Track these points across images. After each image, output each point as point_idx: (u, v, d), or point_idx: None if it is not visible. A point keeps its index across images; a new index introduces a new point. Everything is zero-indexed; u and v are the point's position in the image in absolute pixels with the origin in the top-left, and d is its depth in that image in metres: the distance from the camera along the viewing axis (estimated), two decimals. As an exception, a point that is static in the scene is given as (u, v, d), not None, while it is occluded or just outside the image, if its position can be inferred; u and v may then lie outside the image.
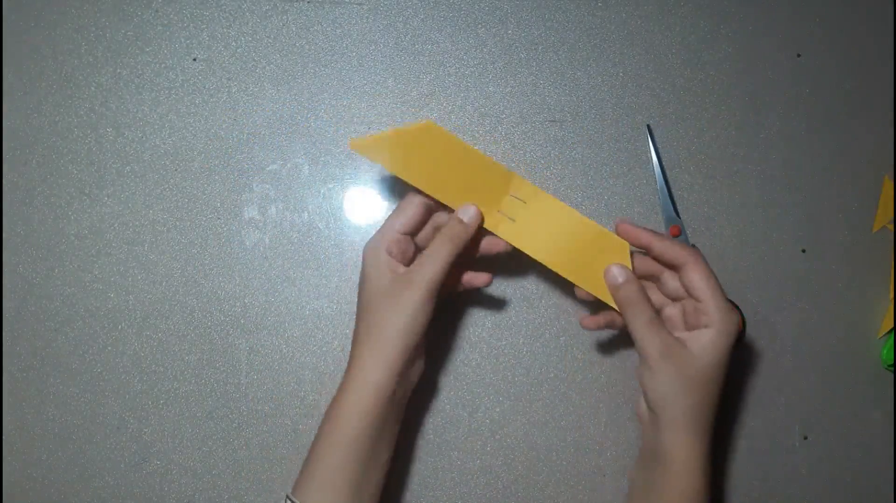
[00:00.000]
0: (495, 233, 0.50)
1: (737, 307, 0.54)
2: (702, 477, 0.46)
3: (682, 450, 0.46)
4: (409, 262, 0.50)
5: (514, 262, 0.56)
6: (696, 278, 0.47)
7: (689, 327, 0.48)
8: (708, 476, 0.46)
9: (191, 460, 0.55)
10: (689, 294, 0.48)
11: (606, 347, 0.58)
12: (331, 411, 0.47)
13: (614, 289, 0.48)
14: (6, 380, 0.55)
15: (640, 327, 0.47)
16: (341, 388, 0.47)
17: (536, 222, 0.50)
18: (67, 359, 0.55)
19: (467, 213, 0.48)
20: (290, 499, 0.46)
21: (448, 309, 0.57)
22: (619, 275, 0.48)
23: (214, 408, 0.55)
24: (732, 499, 0.58)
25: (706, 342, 0.46)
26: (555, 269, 0.50)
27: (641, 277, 0.50)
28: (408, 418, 0.56)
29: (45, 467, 0.54)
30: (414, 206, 0.49)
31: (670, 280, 0.50)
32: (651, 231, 0.49)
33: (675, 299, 0.50)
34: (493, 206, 0.50)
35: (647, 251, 0.49)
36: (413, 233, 0.50)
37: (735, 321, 0.47)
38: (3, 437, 0.54)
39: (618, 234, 0.50)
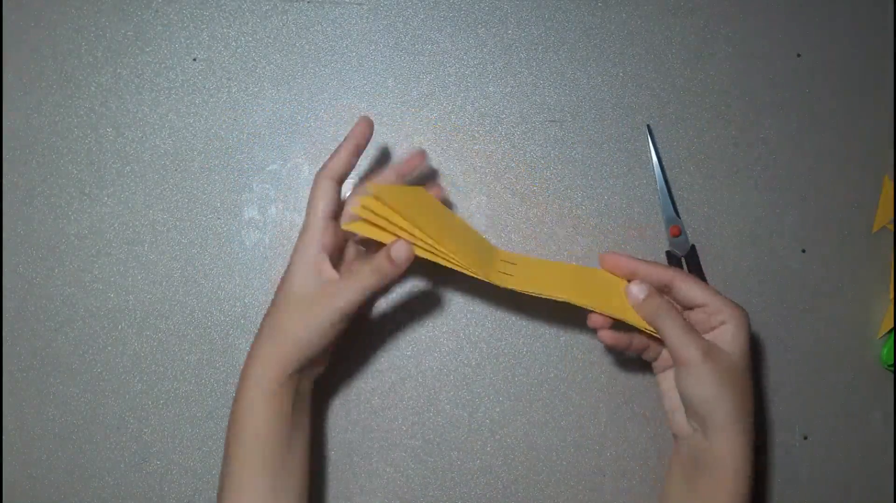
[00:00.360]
0: (499, 285, 0.49)
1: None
2: (749, 482, 0.46)
3: (731, 453, 0.46)
4: (340, 251, 0.50)
5: (514, 262, 0.56)
6: (689, 288, 0.48)
7: (706, 331, 0.49)
8: (752, 483, 0.47)
9: (191, 460, 0.55)
10: (691, 305, 0.49)
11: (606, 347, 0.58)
12: (234, 414, 0.47)
13: (639, 304, 0.49)
14: (6, 380, 0.55)
15: (677, 333, 0.47)
16: (240, 387, 0.47)
17: (533, 274, 0.51)
18: (67, 359, 0.55)
19: (398, 252, 0.45)
20: None
21: (448, 308, 0.57)
22: (639, 290, 0.49)
23: (214, 408, 0.55)
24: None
25: (730, 337, 0.47)
26: (571, 300, 0.49)
27: None
28: (408, 418, 0.56)
29: (45, 467, 0.54)
30: (326, 189, 0.48)
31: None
32: (631, 257, 0.50)
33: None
34: (489, 266, 0.50)
35: (632, 277, 0.50)
36: (335, 217, 0.49)
37: (744, 311, 0.48)
38: (3, 437, 0.54)
39: (603, 267, 0.51)
